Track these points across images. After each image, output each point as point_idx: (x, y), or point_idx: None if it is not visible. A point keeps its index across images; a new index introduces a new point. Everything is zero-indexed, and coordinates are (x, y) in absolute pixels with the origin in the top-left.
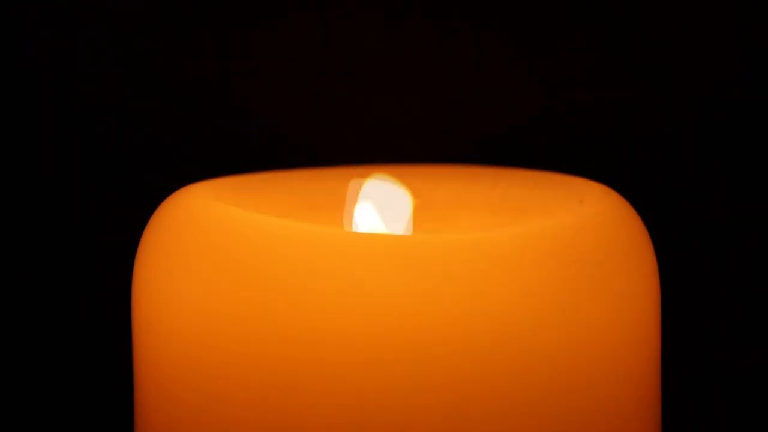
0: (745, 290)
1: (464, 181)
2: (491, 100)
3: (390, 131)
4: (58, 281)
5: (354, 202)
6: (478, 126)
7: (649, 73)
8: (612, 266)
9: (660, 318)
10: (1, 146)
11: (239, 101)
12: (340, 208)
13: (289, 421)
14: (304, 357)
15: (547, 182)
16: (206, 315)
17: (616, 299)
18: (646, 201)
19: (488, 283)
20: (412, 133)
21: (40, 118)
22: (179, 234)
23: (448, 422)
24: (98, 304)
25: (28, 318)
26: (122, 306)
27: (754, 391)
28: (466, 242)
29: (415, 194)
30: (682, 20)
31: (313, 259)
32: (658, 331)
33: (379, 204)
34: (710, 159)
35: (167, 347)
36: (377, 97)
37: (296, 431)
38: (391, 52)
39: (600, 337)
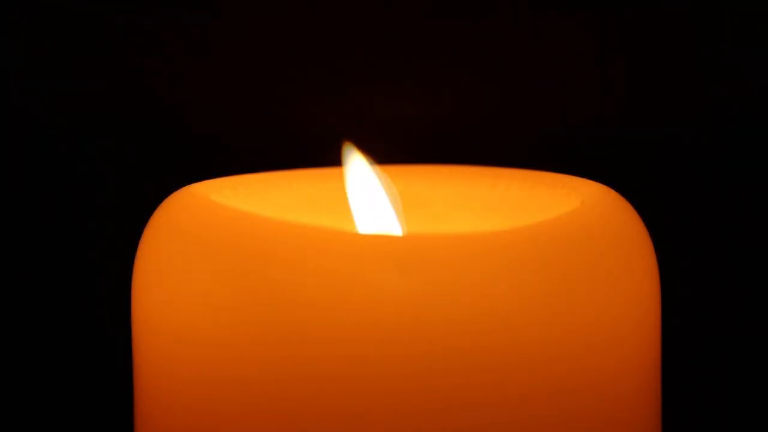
0: (745, 290)
1: (464, 181)
2: (491, 100)
3: (390, 131)
4: (59, 281)
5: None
6: (478, 126)
7: (649, 73)
8: (612, 266)
9: (660, 317)
10: (1, 145)
11: (239, 101)
12: (340, 208)
13: (290, 421)
14: (304, 356)
15: (547, 182)
16: (206, 315)
17: (616, 299)
18: (646, 201)
19: (487, 283)
20: (411, 133)
21: (40, 117)
22: (179, 234)
23: (449, 419)
24: (98, 304)
25: (29, 318)
26: (122, 306)
27: (754, 391)
28: (465, 241)
29: (415, 194)
30: (680, 20)
31: (313, 258)
32: (658, 330)
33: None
34: (710, 158)
35: (167, 347)
36: (377, 97)
37: (297, 431)
38: (391, 51)
39: (600, 336)
